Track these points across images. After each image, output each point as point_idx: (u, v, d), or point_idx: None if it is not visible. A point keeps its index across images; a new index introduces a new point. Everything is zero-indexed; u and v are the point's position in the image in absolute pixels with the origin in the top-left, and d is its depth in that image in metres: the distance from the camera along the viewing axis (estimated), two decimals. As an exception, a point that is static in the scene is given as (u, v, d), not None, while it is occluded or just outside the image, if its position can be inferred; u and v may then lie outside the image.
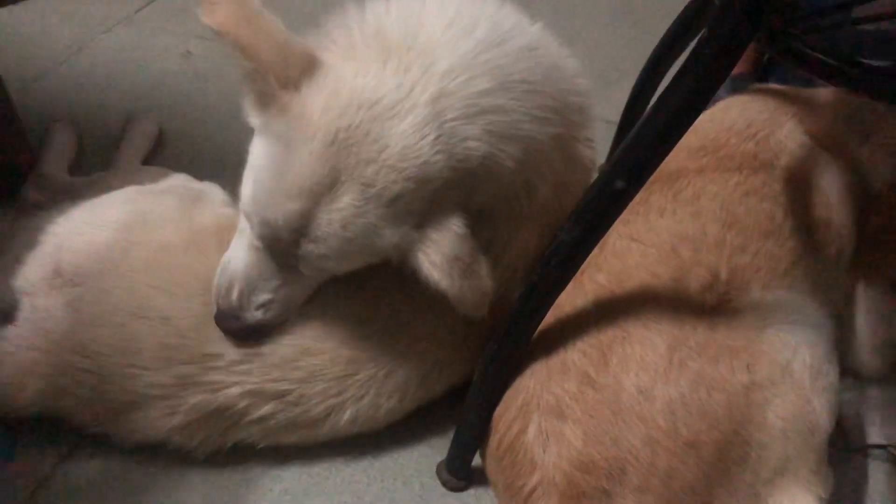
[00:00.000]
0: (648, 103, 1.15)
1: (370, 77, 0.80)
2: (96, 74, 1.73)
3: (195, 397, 0.94)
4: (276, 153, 0.82)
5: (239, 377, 0.94)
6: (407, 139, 0.79)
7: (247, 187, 0.85)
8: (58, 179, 1.31)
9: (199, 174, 1.22)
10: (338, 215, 0.80)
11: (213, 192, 1.15)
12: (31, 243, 1.01)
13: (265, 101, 0.82)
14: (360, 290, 0.96)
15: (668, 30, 1.20)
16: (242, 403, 0.95)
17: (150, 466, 1.01)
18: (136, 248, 0.98)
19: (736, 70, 1.55)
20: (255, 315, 0.91)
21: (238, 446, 0.99)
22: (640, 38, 1.40)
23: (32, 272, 0.99)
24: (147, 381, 0.93)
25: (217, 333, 0.93)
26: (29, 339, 0.96)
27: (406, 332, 0.98)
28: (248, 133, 1.60)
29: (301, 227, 0.81)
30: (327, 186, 0.79)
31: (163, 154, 1.50)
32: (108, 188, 1.12)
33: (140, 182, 1.15)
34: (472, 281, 0.83)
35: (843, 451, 1.06)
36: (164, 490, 1.00)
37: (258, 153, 0.85)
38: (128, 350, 0.93)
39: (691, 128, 1.07)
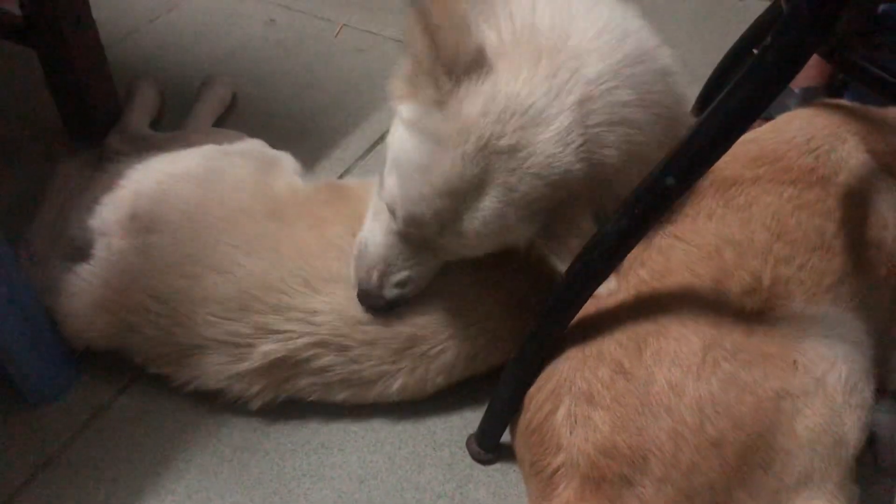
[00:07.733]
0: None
1: (522, 81, 0.80)
2: (183, 34, 1.81)
3: (268, 345, 0.99)
4: (428, 150, 0.83)
5: (312, 328, 0.98)
6: (552, 148, 0.81)
7: (392, 180, 0.87)
8: (139, 132, 1.38)
9: (268, 141, 1.27)
10: (479, 214, 0.84)
11: (286, 160, 1.21)
12: (110, 186, 1.07)
13: (424, 87, 0.82)
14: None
15: (740, 38, 1.20)
16: (307, 353, 0.99)
17: (200, 406, 1.07)
18: (215, 207, 1.03)
19: (810, 82, 1.54)
20: (393, 292, 0.96)
21: (289, 399, 1.04)
22: (717, 42, 1.39)
23: (109, 214, 1.05)
24: (223, 329, 0.98)
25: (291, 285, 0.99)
26: (101, 277, 1.02)
27: (464, 314, 1.02)
28: (318, 105, 1.64)
29: (446, 222, 0.85)
30: (475, 187, 0.82)
31: (234, 118, 1.56)
32: (187, 144, 1.18)
33: (217, 142, 1.21)
34: None
35: (873, 471, 1.06)
36: (210, 429, 1.06)
37: (407, 146, 0.85)
38: (204, 300, 0.98)
39: (751, 137, 1.09)
